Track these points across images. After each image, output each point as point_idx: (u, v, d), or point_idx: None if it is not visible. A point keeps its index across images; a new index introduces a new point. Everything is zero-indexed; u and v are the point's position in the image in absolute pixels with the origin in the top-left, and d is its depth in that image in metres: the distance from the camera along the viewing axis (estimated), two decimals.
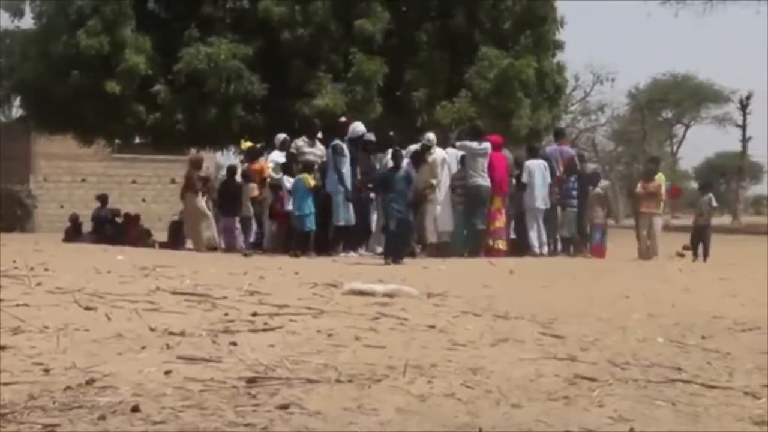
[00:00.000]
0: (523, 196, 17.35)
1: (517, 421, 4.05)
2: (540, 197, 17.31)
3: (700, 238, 18.44)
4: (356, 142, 16.39)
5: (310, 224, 16.04)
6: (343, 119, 17.42)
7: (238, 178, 18.07)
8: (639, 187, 18.48)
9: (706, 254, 18.17)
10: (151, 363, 5.03)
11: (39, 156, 35.90)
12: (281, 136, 17.54)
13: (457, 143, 17.24)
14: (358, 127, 16.66)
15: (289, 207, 16.21)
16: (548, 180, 17.51)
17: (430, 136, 17.16)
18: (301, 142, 16.60)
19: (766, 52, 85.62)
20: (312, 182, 16.00)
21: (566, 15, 23.71)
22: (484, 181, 16.34)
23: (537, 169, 17.41)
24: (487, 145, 16.57)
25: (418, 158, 16.55)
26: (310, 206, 16.03)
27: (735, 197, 64.50)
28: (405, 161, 16.05)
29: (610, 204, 17.88)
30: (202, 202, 17.72)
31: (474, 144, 16.58)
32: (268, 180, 17.07)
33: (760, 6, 51.66)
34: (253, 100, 21.23)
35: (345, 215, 15.96)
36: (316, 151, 16.47)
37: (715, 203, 19.30)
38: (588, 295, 9.72)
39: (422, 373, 4.96)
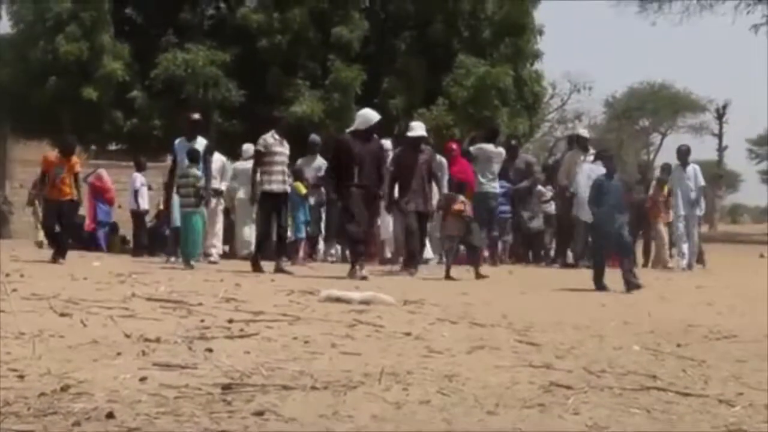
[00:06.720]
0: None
1: (492, 428, 4.05)
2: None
3: None
4: None
5: (301, 233, 16.00)
6: (195, 116, 15.27)
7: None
8: (655, 196, 18.22)
9: None
10: (126, 369, 5.00)
11: (14, 162, 35.61)
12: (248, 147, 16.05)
13: (472, 147, 16.49)
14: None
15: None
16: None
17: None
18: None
19: (742, 61, 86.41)
20: (304, 190, 15.92)
21: (544, 24, 23.88)
22: (491, 187, 15.95)
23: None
24: (502, 150, 16.35)
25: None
26: (305, 214, 15.99)
27: (711, 206, 64.87)
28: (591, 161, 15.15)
29: None
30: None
31: (490, 147, 16.27)
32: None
33: (736, 15, 52.04)
34: (231, 106, 21.24)
35: None
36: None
37: None
38: (564, 302, 9.75)
39: (398, 380, 4.96)
